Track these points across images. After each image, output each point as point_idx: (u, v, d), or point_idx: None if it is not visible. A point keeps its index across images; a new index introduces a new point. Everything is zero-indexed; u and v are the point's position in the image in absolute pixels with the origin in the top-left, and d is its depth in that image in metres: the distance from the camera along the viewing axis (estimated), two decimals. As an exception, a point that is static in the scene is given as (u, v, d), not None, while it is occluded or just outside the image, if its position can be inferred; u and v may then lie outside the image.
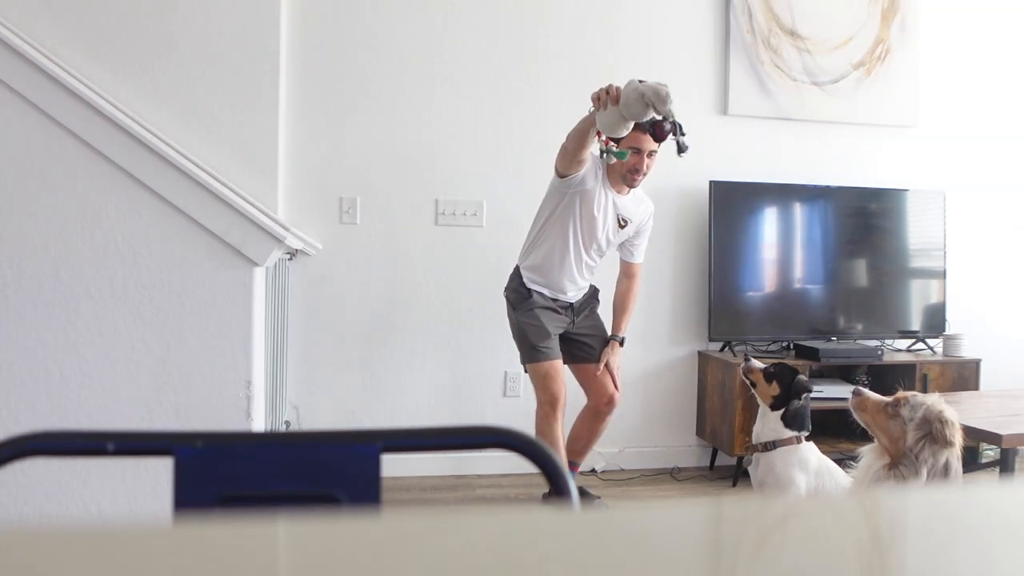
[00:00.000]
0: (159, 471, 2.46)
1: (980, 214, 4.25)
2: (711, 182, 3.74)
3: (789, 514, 0.61)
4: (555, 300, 3.05)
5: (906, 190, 4.03)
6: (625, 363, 3.81)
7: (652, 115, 2.52)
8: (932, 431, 1.94)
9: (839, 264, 3.99)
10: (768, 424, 2.49)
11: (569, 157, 2.83)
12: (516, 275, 3.09)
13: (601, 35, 3.75)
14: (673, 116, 2.49)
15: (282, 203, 3.42)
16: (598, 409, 3.14)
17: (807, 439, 2.48)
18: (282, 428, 3.25)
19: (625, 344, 3.24)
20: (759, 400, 2.55)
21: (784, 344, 3.87)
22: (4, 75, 2.39)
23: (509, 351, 3.25)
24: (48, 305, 2.43)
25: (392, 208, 3.60)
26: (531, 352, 3.00)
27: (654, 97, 2.45)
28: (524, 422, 3.15)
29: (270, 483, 0.80)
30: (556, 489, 0.78)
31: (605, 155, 2.81)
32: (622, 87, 2.53)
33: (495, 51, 3.67)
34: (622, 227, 3.07)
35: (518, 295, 3.04)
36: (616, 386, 3.14)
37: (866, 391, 2.16)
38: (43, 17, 3.09)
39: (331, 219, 3.55)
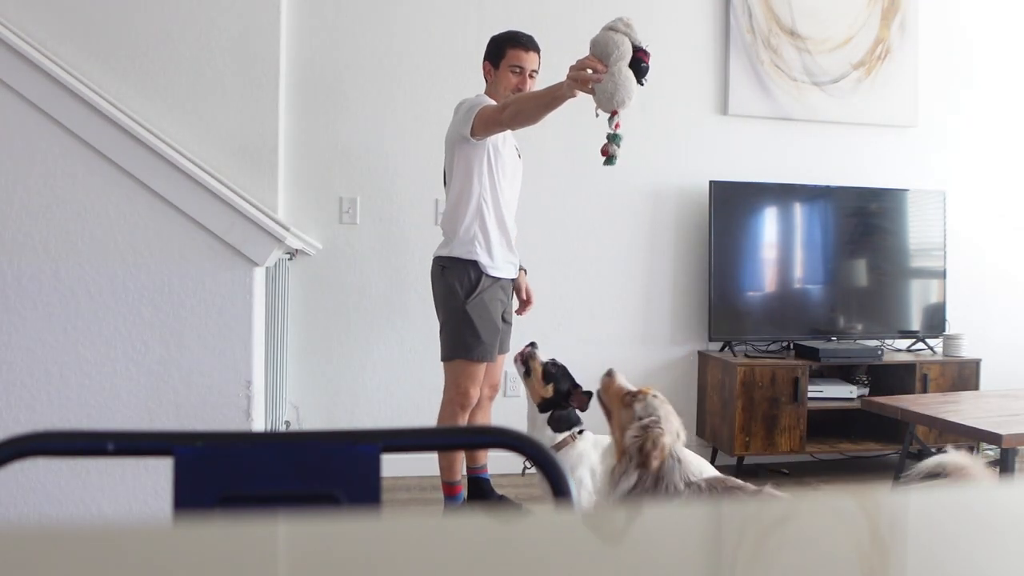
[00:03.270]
0: (159, 471, 2.47)
1: (980, 214, 4.25)
2: (711, 182, 3.74)
3: (789, 514, 0.61)
4: (500, 280, 2.79)
5: (906, 190, 4.03)
6: (625, 363, 3.81)
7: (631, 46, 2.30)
8: (643, 445, 1.89)
9: (839, 264, 3.98)
10: (537, 430, 2.41)
11: (505, 127, 2.59)
12: (456, 259, 2.77)
13: (601, 35, 3.74)
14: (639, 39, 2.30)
15: (282, 203, 3.42)
16: (481, 399, 2.95)
17: (580, 432, 2.43)
18: (282, 428, 3.25)
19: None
20: (528, 392, 2.43)
21: (784, 344, 3.87)
22: (4, 75, 2.39)
23: (509, 351, 3.22)
24: (48, 305, 2.44)
25: (392, 208, 3.60)
26: (475, 349, 2.74)
27: (623, 26, 2.29)
28: (524, 422, 3.15)
29: (270, 483, 0.80)
30: (557, 489, 0.78)
31: (612, 141, 2.34)
32: (591, 52, 2.30)
33: (495, 51, 3.66)
34: (520, 157, 2.90)
35: (469, 281, 2.74)
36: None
37: (618, 373, 2.07)
38: (43, 17, 3.09)
39: (331, 219, 3.55)
